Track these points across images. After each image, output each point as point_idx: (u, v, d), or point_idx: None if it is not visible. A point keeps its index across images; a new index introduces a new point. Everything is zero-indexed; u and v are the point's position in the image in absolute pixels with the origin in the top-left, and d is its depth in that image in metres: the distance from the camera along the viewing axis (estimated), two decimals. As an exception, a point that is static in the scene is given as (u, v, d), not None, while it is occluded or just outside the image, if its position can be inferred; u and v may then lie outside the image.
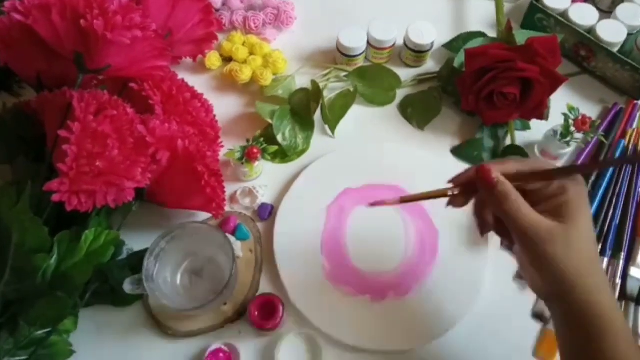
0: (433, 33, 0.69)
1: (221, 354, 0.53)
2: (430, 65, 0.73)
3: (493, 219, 0.44)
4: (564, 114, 0.61)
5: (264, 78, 0.67)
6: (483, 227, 0.45)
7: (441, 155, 0.66)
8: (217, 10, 0.74)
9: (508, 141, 0.66)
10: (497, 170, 0.40)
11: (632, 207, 0.62)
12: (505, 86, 0.59)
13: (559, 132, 0.61)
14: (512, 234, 0.41)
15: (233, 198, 0.62)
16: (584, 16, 0.69)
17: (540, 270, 0.40)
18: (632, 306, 0.57)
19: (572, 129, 0.60)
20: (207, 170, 0.53)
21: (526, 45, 0.59)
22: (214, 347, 0.53)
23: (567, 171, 0.41)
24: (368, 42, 0.70)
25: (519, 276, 0.58)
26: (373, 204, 0.44)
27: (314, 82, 0.66)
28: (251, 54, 0.70)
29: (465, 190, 0.43)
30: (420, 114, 0.68)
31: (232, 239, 0.57)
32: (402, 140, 0.67)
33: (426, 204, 0.60)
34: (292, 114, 0.66)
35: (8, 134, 0.56)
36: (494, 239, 0.55)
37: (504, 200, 0.39)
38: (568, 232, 0.38)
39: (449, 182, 0.44)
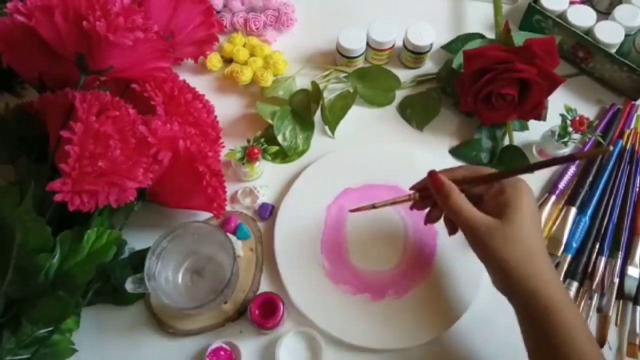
0: (432, 34, 0.69)
1: (222, 353, 0.53)
2: (429, 66, 0.73)
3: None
4: (562, 115, 0.62)
5: (264, 79, 0.67)
6: (428, 219, 0.53)
7: (440, 156, 0.67)
8: (218, 12, 0.74)
9: (506, 141, 0.66)
10: (446, 176, 0.47)
11: (630, 206, 0.62)
12: (503, 87, 0.59)
13: (557, 133, 0.61)
14: (459, 227, 0.48)
15: (234, 198, 0.63)
16: (582, 17, 0.69)
17: (486, 263, 0.46)
18: (630, 305, 0.58)
19: (570, 129, 0.61)
20: (208, 171, 0.53)
21: (524, 47, 0.59)
22: (214, 345, 0.53)
23: (501, 175, 0.47)
24: (367, 44, 0.70)
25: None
26: (352, 211, 0.52)
27: (314, 83, 0.66)
28: (252, 55, 0.71)
29: (423, 195, 0.51)
30: (419, 114, 0.69)
31: (233, 238, 0.58)
32: (401, 141, 0.68)
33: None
34: (293, 115, 0.66)
35: (10, 134, 0.56)
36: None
37: (448, 198, 0.46)
38: (505, 228, 0.44)
39: (411, 188, 0.52)
